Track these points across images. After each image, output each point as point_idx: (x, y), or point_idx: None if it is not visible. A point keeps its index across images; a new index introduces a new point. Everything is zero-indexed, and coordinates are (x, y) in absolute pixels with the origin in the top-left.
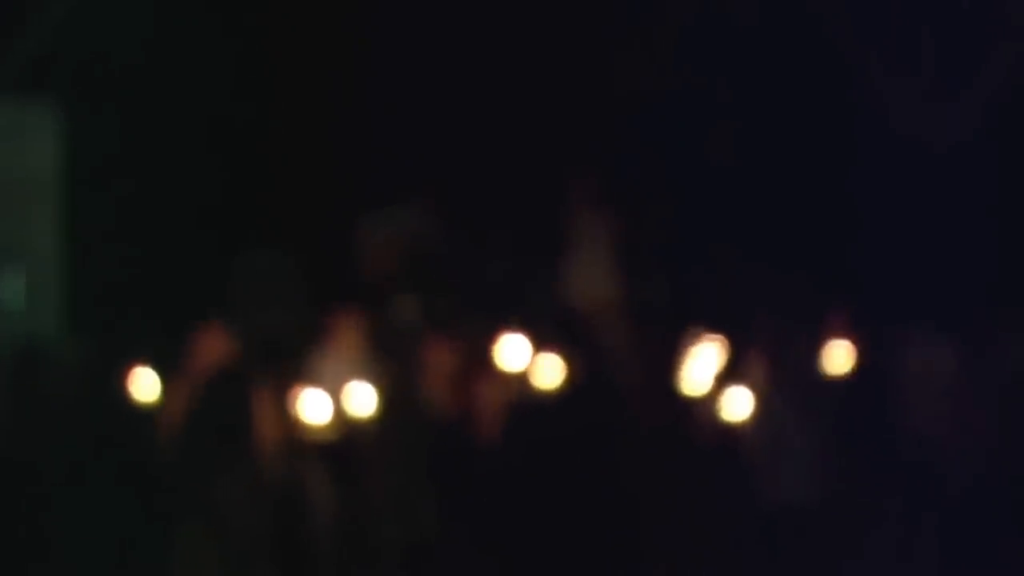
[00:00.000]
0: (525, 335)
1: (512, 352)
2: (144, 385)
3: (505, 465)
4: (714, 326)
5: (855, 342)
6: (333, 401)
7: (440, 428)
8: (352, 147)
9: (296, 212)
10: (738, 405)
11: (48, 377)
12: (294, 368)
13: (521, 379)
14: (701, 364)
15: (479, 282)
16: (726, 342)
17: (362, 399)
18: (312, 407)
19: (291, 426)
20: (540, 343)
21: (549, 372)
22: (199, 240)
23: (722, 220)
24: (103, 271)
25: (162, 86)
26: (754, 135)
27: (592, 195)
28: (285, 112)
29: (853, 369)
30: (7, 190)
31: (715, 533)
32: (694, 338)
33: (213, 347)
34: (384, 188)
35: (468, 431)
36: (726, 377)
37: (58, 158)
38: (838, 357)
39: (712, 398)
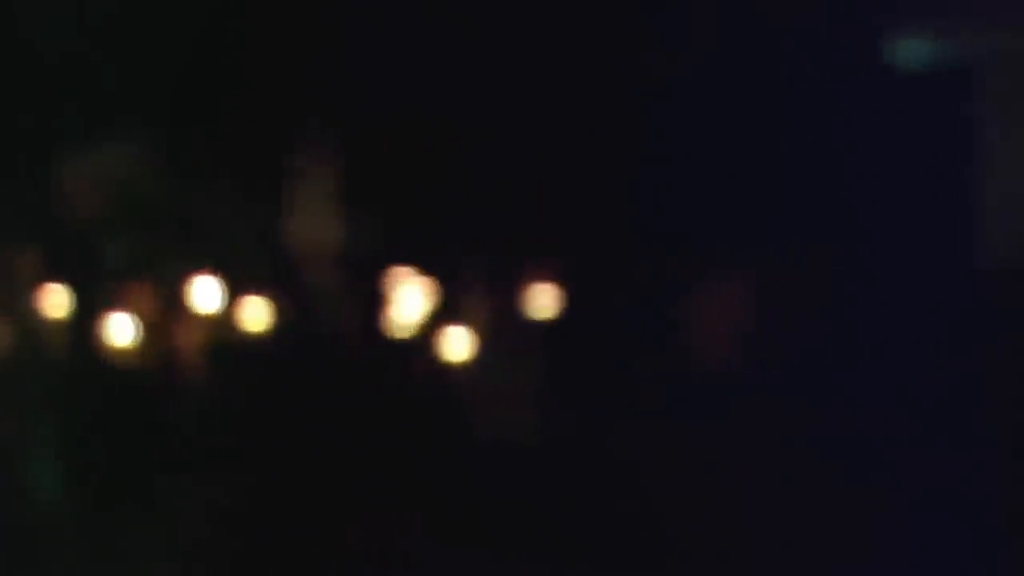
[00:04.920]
0: (231, 277)
1: (205, 295)
2: None
3: (210, 409)
4: (426, 268)
5: (563, 286)
6: None
7: (144, 371)
8: (60, 81)
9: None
10: (453, 346)
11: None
12: None
13: (226, 322)
14: (413, 305)
15: (190, 223)
16: (439, 284)
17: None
18: None
19: None
20: (248, 285)
21: (256, 315)
22: None
23: (435, 165)
24: None
25: None
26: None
27: (310, 139)
28: None
29: (563, 312)
30: None
31: (436, 473)
32: (405, 280)
33: None
34: (94, 124)
35: (172, 375)
36: (440, 318)
37: None
38: (547, 300)
39: (426, 339)
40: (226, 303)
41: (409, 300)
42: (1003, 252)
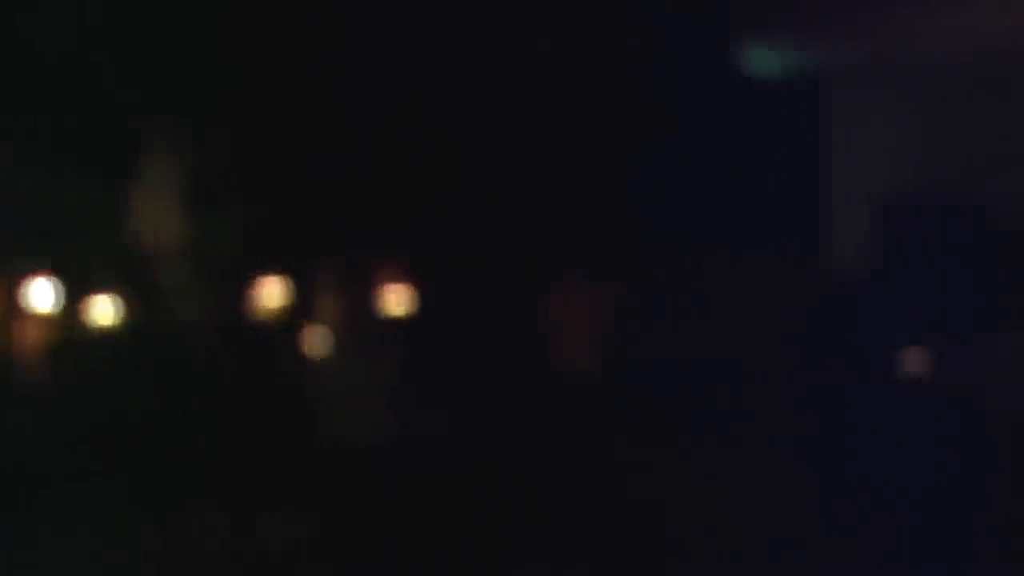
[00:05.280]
0: (81, 275)
1: (41, 295)
2: None
3: (57, 407)
4: (281, 267)
5: (417, 286)
6: None
7: None
8: None
9: None
10: (310, 344)
11: None
12: None
13: (73, 319)
14: (270, 304)
15: (38, 220)
16: (293, 282)
17: None
18: None
19: None
20: (97, 284)
21: (104, 313)
22: None
23: (291, 164)
24: None
25: None
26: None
27: (163, 132)
28: None
29: (417, 311)
30: None
31: (292, 471)
32: (261, 278)
33: None
34: None
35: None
36: (296, 316)
37: None
38: (399, 300)
39: (283, 337)
40: (75, 301)
41: (264, 299)
42: (848, 254)
